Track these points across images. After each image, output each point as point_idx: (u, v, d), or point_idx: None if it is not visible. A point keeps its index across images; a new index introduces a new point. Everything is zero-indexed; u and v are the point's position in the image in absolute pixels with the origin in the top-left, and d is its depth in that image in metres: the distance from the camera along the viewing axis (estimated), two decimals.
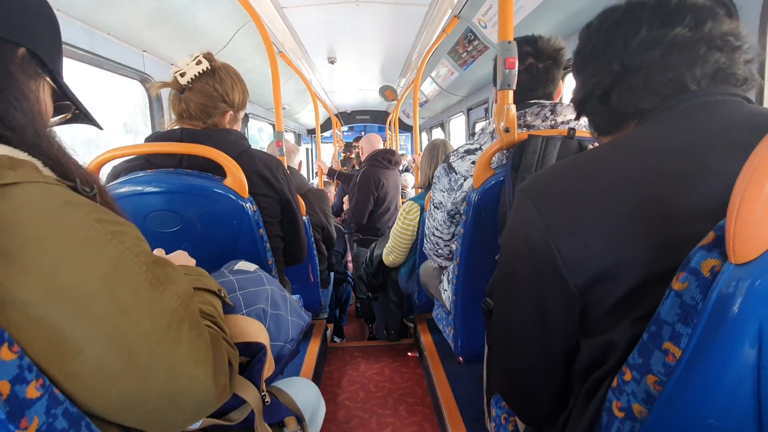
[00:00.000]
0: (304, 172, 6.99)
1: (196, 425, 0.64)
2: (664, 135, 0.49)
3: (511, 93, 0.97)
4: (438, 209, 1.22)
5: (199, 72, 1.02)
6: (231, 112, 1.10)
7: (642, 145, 0.49)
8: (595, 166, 0.51)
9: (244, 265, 0.90)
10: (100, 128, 0.60)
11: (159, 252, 0.76)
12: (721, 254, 0.33)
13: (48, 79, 0.51)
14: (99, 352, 0.38)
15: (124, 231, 0.43)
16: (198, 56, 1.03)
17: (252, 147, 1.14)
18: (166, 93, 1.08)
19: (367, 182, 2.83)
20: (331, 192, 4.21)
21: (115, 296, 0.39)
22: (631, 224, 0.44)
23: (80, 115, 0.57)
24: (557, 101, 1.10)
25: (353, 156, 4.73)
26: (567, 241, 0.48)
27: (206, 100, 1.04)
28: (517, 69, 0.95)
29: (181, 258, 0.77)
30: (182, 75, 1.01)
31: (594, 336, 0.49)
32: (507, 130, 0.97)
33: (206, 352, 0.47)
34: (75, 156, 0.49)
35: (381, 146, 3.08)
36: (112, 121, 2.27)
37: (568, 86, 2.16)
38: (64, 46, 0.54)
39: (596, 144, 0.93)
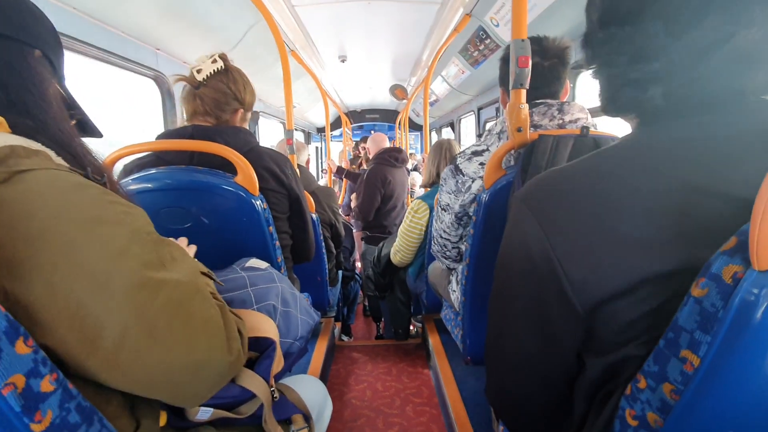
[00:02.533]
0: (313, 170, 7.03)
1: (206, 416, 0.65)
2: (701, 138, 0.41)
3: (524, 92, 0.96)
4: (445, 211, 1.21)
5: (214, 70, 1.05)
6: (242, 110, 1.13)
7: (672, 150, 0.42)
8: (610, 173, 0.44)
9: (255, 262, 0.90)
10: (100, 136, 0.63)
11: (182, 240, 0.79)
12: (744, 260, 0.32)
13: (56, 84, 0.54)
14: (120, 326, 0.40)
15: (134, 212, 0.46)
16: (214, 56, 1.07)
17: (260, 144, 1.16)
18: (178, 91, 1.10)
19: (373, 180, 2.88)
20: (336, 190, 4.22)
21: (130, 272, 0.41)
22: (651, 243, 0.39)
23: (82, 124, 0.60)
24: (564, 100, 1.09)
25: (362, 154, 4.74)
26: (574, 261, 0.43)
27: (220, 96, 1.07)
28: (530, 68, 0.94)
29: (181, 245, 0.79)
30: (198, 71, 1.05)
31: (604, 354, 0.45)
32: (519, 130, 0.96)
33: (218, 321, 0.50)
34: (90, 149, 0.51)
35: (387, 145, 3.11)
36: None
37: (578, 86, 2.13)
38: (79, 44, 0.56)
39: (614, 141, 0.91)
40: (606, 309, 0.42)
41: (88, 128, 0.60)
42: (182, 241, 0.80)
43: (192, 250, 0.80)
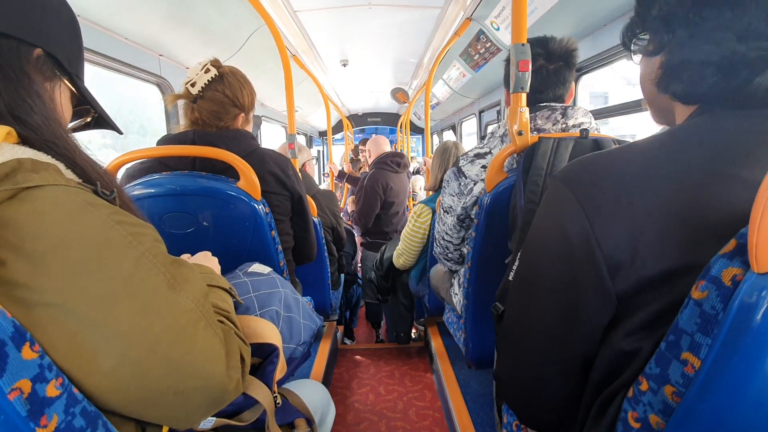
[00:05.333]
0: (315, 173, 7.03)
1: (209, 425, 0.65)
2: (744, 131, 0.42)
3: (524, 96, 0.96)
4: (447, 213, 1.21)
5: (208, 80, 1.03)
6: (242, 115, 1.13)
7: (717, 141, 0.42)
8: (653, 158, 0.44)
9: (258, 267, 0.91)
10: (120, 132, 0.61)
11: (185, 257, 0.77)
12: (743, 262, 0.32)
13: (66, 81, 0.52)
14: (118, 351, 0.39)
15: (143, 232, 0.44)
16: (206, 64, 1.04)
17: (261, 146, 1.16)
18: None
19: (374, 186, 2.80)
20: (338, 194, 4.22)
21: (135, 297, 0.41)
22: (689, 230, 0.39)
23: (101, 120, 0.58)
24: (569, 104, 1.09)
25: (361, 158, 4.75)
26: (613, 240, 0.42)
27: (218, 107, 1.06)
28: (530, 72, 0.94)
29: (202, 258, 0.78)
30: (192, 85, 1.03)
31: (620, 347, 0.45)
32: (520, 133, 0.96)
33: (219, 350, 0.48)
34: (94, 158, 0.50)
35: (388, 148, 3.06)
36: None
37: (582, 89, 2.14)
38: (86, 51, 0.56)
39: (615, 143, 0.91)
40: (636, 299, 0.42)
41: (106, 124, 0.59)
42: (205, 256, 0.79)
43: (214, 261, 0.79)
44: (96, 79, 1.77)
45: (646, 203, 0.42)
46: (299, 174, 1.25)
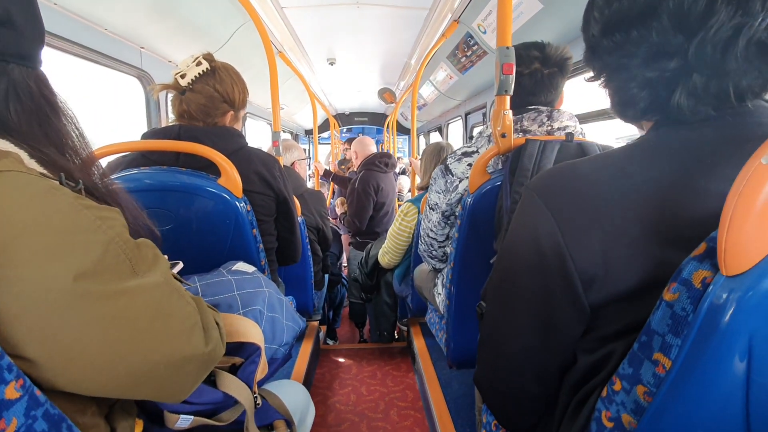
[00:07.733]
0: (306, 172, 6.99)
1: (186, 424, 0.63)
2: (707, 142, 0.42)
3: (508, 98, 0.97)
4: (433, 210, 1.22)
5: (199, 73, 1.02)
6: (232, 112, 1.11)
7: (681, 151, 0.43)
8: (622, 169, 0.44)
9: (242, 266, 0.89)
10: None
11: None
12: (713, 265, 0.33)
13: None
14: (100, 335, 0.39)
15: (110, 216, 0.44)
16: (198, 57, 1.03)
17: (249, 145, 1.14)
18: (163, 91, 1.07)
19: (366, 188, 2.82)
20: (324, 193, 4.20)
21: (108, 280, 0.40)
22: (661, 244, 0.40)
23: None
24: (555, 108, 1.10)
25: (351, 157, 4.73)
26: (585, 254, 0.43)
27: (207, 101, 1.04)
28: (514, 75, 0.95)
29: None
30: (182, 76, 1.01)
31: (594, 351, 0.46)
32: (504, 135, 0.97)
33: (195, 316, 0.50)
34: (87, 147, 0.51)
35: (374, 149, 3.08)
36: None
37: (572, 94, 2.17)
38: (62, 41, 0.54)
39: (599, 148, 0.93)
40: (611, 308, 0.43)
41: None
42: None
43: None
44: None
45: (618, 218, 0.42)
46: (285, 174, 1.23)
